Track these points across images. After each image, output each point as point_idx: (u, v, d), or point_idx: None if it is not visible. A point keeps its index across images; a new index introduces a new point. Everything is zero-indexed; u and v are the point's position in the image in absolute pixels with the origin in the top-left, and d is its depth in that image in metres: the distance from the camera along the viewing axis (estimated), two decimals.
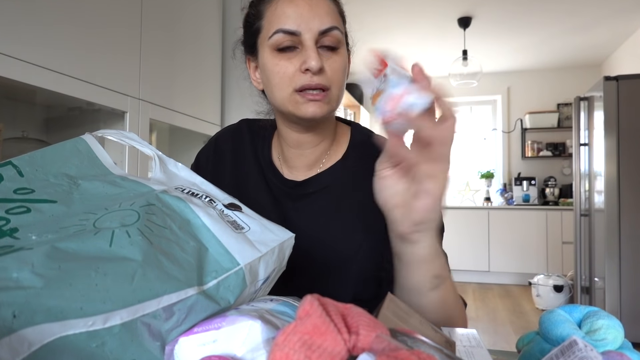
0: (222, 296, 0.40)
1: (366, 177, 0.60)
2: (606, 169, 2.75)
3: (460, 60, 3.86)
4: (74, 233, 0.36)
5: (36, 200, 0.38)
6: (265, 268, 0.45)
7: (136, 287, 0.34)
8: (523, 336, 0.46)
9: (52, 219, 0.38)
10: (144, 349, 0.36)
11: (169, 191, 0.45)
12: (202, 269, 0.40)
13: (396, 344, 0.24)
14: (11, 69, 1.08)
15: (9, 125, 1.40)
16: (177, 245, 0.39)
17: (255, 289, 0.45)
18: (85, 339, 0.32)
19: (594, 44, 4.12)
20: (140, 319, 0.34)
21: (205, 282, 0.39)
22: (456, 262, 4.47)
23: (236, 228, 0.45)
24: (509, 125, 5.00)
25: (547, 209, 4.34)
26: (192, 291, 0.37)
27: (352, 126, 0.78)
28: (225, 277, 0.40)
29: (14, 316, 0.29)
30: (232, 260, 0.41)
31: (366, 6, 3.30)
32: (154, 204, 0.42)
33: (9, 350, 0.29)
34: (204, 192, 0.48)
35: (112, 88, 1.41)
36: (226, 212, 0.47)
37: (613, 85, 2.75)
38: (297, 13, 0.60)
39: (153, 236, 0.38)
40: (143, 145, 0.53)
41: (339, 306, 0.27)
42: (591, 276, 2.97)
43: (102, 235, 0.36)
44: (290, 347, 0.23)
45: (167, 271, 0.36)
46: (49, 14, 1.18)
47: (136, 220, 0.38)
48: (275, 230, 0.48)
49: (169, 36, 1.71)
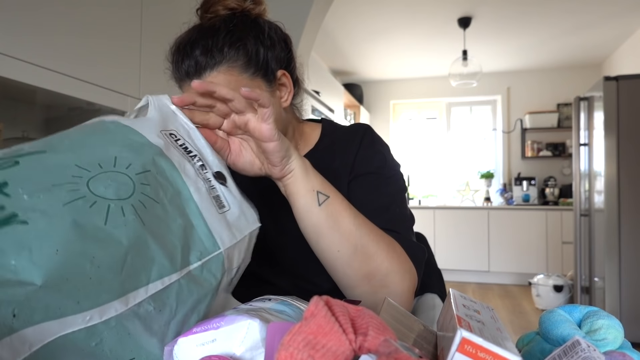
0: (205, 278, 0.41)
1: (336, 161, 0.75)
2: (606, 169, 2.75)
3: (460, 61, 3.86)
4: (68, 198, 0.35)
5: (25, 154, 0.37)
6: (238, 255, 0.46)
7: (125, 277, 0.34)
8: (523, 336, 0.46)
9: (43, 172, 0.36)
10: (142, 346, 0.36)
11: (165, 150, 0.44)
12: (188, 247, 0.40)
13: (402, 350, 0.24)
14: (11, 69, 1.08)
15: (9, 125, 1.40)
16: (166, 225, 0.39)
17: (231, 277, 0.46)
18: (85, 337, 0.32)
19: (594, 44, 4.12)
20: (133, 309, 0.35)
21: (190, 262, 0.40)
22: (456, 262, 4.47)
23: (220, 207, 0.46)
24: (508, 125, 5.00)
25: (547, 209, 4.34)
26: (176, 276, 0.38)
27: (323, 122, 0.85)
28: (208, 260, 0.41)
29: (13, 315, 0.29)
30: (214, 244, 0.42)
31: (366, 6, 3.30)
32: (149, 170, 0.41)
33: (10, 350, 0.29)
34: (197, 151, 0.49)
35: (112, 88, 1.41)
36: (213, 183, 0.48)
37: (613, 85, 2.75)
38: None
39: (145, 214, 0.38)
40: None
41: (349, 308, 0.27)
42: (591, 276, 2.97)
43: (98, 209, 0.35)
44: (294, 347, 0.24)
45: (153, 256, 0.37)
46: (49, 14, 1.18)
47: (131, 193, 0.38)
48: (248, 216, 0.50)
49: (169, 36, 1.71)
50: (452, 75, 3.97)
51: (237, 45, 0.66)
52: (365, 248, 0.58)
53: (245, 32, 0.67)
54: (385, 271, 0.59)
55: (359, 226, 0.59)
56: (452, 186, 5.22)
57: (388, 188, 0.72)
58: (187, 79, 0.67)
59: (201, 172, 0.47)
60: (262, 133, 0.53)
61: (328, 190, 0.59)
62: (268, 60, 0.69)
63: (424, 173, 5.32)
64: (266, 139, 0.53)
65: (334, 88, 4.13)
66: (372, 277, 0.59)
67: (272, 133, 0.53)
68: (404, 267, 0.61)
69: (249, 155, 0.58)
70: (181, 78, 0.68)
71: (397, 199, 0.72)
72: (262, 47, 0.68)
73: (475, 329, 0.31)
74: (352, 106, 4.91)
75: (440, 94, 5.20)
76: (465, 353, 0.28)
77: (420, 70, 4.97)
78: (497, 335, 0.32)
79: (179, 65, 0.67)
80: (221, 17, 0.68)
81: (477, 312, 0.36)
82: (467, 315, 0.34)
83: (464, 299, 0.38)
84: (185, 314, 0.40)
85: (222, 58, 0.65)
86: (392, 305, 0.40)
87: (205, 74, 0.65)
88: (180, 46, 0.68)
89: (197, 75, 0.65)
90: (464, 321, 0.32)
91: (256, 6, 0.71)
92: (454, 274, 4.51)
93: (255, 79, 0.67)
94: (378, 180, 0.73)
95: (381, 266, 0.59)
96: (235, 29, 0.67)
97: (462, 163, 5.24)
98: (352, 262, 0.58)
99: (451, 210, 4.59)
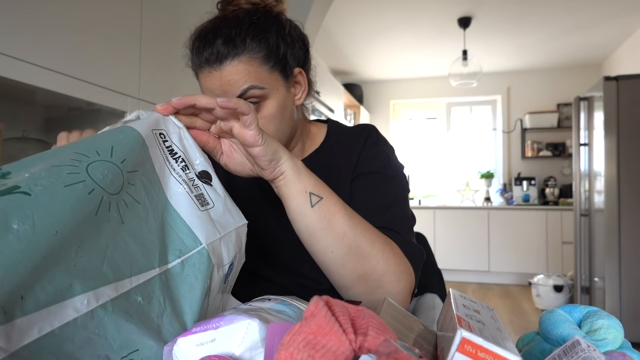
0: (187, 273, 0.42)
1: (339, 160, 0.77)
2: (606, 169, 2.75)
3: (460, 60, 3.86)
4: (69, 181, 0.35)
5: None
6: (227, 251, 0.47)
7: (106, 269, 0.36)
8: (523, 336, 0.46)
9: (41, 158, 0.37)
10: (142, 335, 0.37)
11: (151, 150, 0.46)
12: (166, 247, 0.42)
13: (402, 350, 0.24)
14: (11, 69, 1.08)
15: (9, 125, 1.40)
16: (145, 224, 0.41)
17: (224, 274, 0.46)
18: (88, 322, 0.33)
19: (594, 44, 4.12)
20: (124, 297, 0.36)
21: (169, 261, 0.41)
22: (456, 262, 4.47)
23: (202, 204, 0.47)
24: (509, 125, 5.00)
25: (547, 209, 4.34)
26: (155, 272, 0.39)
27: (329, 122, 0.86)
28: (190, 256, 0.43)
29: (21, 297, 0.30)
30: (195, 240, 0.44)
31: (366, 6, 3.30)
32: (137, 170, 0.43)
33: (19, 332, 0.29)
34: (183, 151, 0.50)
35: (112, 88, 1.41)
36: (196, 182, 0.49)
37: (613, 85, 2.75)
38: (211, 87, 0.67)
39: (126, 213, 0.39)
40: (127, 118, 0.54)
41: (350, 308, 0.27)
42: (591, 276, 2.97)
43: (94, 197, 0.36)
44: (294, 347, 0.24)
45: (132, 253, 0.38)
46: (49, 14, 1.18)
47: (119, 191, 0.39)
48: (234, 214, 0.51)
49: (169, 36, 1.71)
50: (452, 75, 3.97)
51: (259, 38, 0.66)
52: (360, 249, 0.58)
53: (267, 26, 0.68)
54: (380, 272, 0.59)
55: (353, 227, 0.59)
56: (452, 186, 5.22)
57: (390, 187, 0.72)
58: (206, 67, 0.66)
59: (183, 173, 0.48)
60: (245, 139, 0.52)
61: (322, 191, 0.59)
62: (287, 56, 0.70)
63: (424, 173, 5.32)
64: (250, 144, 0.53)
65: (334, 88, 4.13)
66: (368, 278, 0.59)
67: (256, 138, 0.52)
68: (400, 267, 0.60)
69: (239, 157, 0.59)
70: (200, 65, 0.67)
71: (399, 198, 0.72)
72: (283, 42, 0.69)
73: (475, 329, 0.31)
74: (352, 106, 4.91)
75: (440, 94, 5.20)
76: (465, 353, 0.28)
77: (420, 70, 4.97)
78: (497, 335, 0.32)
79: (199, 53, 0.67)
80: (244, 10, 0.69)
81: (477, 312, 0.36)
82: (467, 315, 0.34)
83: (464, 299, 0.38)
84: (178, 308, 0.40)
85: (244, 48, 0.65)
86: (392, 305, 0.40)
87: (226, 62, 0.65)
88: (202, 34, 0.68)
89: (218, 62, 0.65)
90: (464, 321, 0.32)
91: (278, 3, 0.72)
92: (454, 274, 4.51)
93: (274, 72, 0.68)
94: (380, 179, 0.73)
95: (376, 267, 0.58)
96: (258, 22, 0.68)
97: (462, 163, 5.24)
98: (347, 263, 0.58)
99: (451, 210, 4.59)
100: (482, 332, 0.30)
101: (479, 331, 0.30)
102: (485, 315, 0.36)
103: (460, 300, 0.37)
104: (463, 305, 0.36)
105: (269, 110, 0.68)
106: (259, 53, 0.66)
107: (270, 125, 0.69)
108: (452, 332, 0.30)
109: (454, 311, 0.34)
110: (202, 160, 0.52)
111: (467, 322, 0.32)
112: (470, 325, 0.31)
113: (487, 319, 0.35)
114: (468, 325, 0.31)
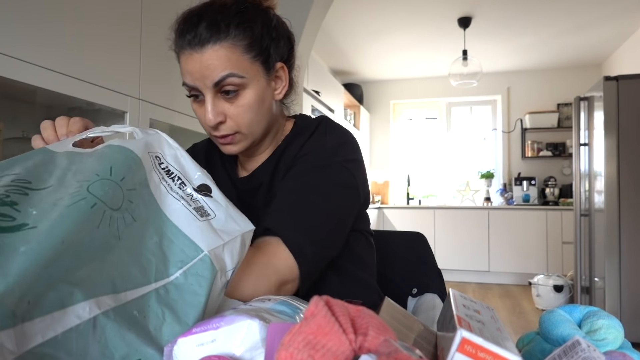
0: (191, 282, 0.42)
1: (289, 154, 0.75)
2: (606, 169, 2.75)
3: (460, 60, 3.86)
4: (71, 201, 0.38)
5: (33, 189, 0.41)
6: (231, 257, 0.47)
7: (104, 281, 0.37)
8: (523, 336, 0.46)
9: (48, 193, 0.40)
10: (143, 345, 0.37)
11: (147, 172, 0.48)
12: (167, 261, 0.42)
13: (402, 350, 0.24)
14: (11, 69, 1.08)
15: (9, 125, 1.40)
16: (142, 242, 0.42)
17: (226, 280, 0.46)
18: (90, 330, 0.34)
19: (594, 44, 4.12)
20: (123, 308, 0.37)
21: (170, 274, 0.42)
22: (456, 262, 4.47)
23: (202, 215, 0.48)
24: (509, 125, 5.00)
25: (547, 209, 4.34)
26: (150, 287, 0.40)
27: (296, 117, 0.83)
28: (192, 265, 0.43)
29: (28, 302, 0.31)
30: (196, 248, 0.44)
31: (366, 6, 3.30)
32: (136, 188, 0.45)
33: (26, 336, 0.30)
34: (179, 171, 0.51)
35: (112, 88, 1.41)
36: (195, 196, 0.50)
37: (613, 85, 2.75)
38: (190, 70, 0.67)
39: (124, 230, 0.41)
40: (121, 127, 0.56)
41: (350, 308, 0.27)
42: (591, 276, 2.97)
43: (97, 211, 0.39)
44: (294, 347, 0.24)
45: (128, 269, 0.39)
46: (48, 13, 1.18)
47: (119, 207, 0.41)
48: (238, 221, 0.52)
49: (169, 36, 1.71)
50: (452, 75, 3.97)
51: (244, 26, 0.66)
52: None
53: (254, 17, 0.68)
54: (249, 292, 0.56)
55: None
56: (452, 186, 5.22)
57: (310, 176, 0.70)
58: (187, 48, 0.66)
59: (180, 190, 0.50)
60: None
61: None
62: (270, 49, 0.70)
63: (424, 173, 5.32)
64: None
65: (334, 88, 4.13)
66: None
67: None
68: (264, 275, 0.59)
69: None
70: (182, 46, 0.67)
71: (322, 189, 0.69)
72: (268, 35, 0.69)
73: (475, 329, 0.31)
74: (352, 106, 4.91)
75: (440, 94, 5.20)
76: (465, 353, 0.28)
77: (420, 70, 4.97)
78: (497, 336, 0.32)
79: (182, 34, 0.67)
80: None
81: (477, 312, 0.36)
82: (467, 315, 0.34)
83: (464, 299, 0.38)
84: (182, 316, 0.40)
85: (227, 34, 0.65)
86: (392, 305, 0.40)
87: (207, 46, 0.65)
88: (188, 17, 0.68)
89: (200, 45, 0.65)
90: (464, 321, 0.32)
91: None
92: (454, 274, 4.51)
93: (255, 63, 0.68)
94: (304, 167, 0.72)
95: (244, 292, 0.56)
96: (245, 11, 0.68)
97: (462, 163, 5.24)
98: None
99: (451, 210, 4.59)
100: (482, 332, 0.30)
101: (479, 331, 0.30)
102: (485, 315, 0.36)
103: (460, 300, 0.37)
104: (463, 305, 0.36)
105: (247, 99, 0.68)
106: (242, 41, 0.66)
107: (246, 114, 0.69)
108: (452, 332, 0.30)
109: (454, 311, 0.34)
110: (200, 174, 0.53)
111: (467, 322, 0.32)
112: (470, 325, 0.31)
113: (487, 319, 0.35)
114: (468, 325, 0.31)
